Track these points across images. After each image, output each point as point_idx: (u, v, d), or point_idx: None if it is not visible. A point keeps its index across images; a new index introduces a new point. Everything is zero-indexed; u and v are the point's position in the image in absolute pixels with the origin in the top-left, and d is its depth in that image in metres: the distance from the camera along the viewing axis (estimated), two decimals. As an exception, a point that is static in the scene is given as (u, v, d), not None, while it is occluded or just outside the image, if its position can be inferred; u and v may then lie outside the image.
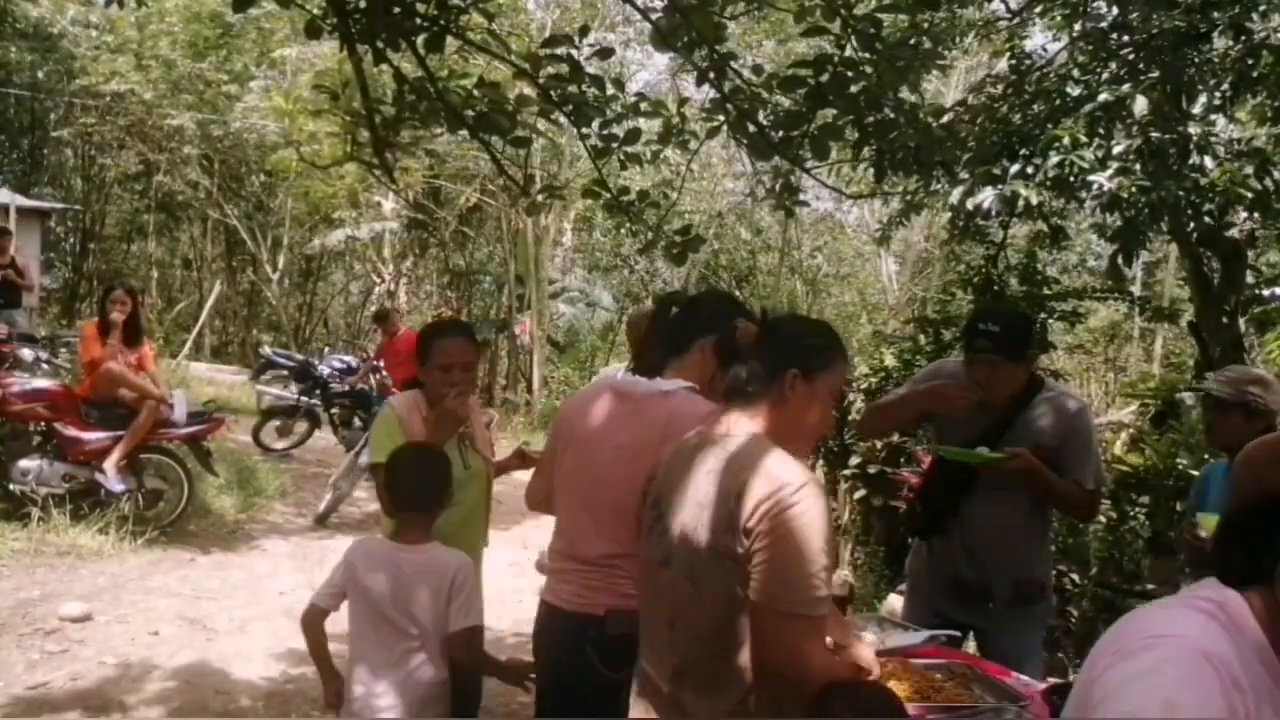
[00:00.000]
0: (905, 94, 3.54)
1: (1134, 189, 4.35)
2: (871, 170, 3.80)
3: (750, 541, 1.61)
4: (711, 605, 1.68)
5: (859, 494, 5.76)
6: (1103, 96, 4.79)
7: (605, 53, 3.67)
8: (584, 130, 3.57)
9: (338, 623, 2.65)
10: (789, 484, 1.62)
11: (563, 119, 3.71)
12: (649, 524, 1.87)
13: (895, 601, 4.34)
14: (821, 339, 1.84)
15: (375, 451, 2.82)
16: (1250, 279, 5.47)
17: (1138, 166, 4.48)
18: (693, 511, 1.72)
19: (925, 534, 3.06)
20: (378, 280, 18.96)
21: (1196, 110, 5.00)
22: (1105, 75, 5.21)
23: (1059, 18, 5.66)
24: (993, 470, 2.75)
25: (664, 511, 1.81)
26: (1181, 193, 4.33)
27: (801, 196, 4.47)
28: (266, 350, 12.94)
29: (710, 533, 1.67)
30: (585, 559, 2.23)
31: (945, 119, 4.60)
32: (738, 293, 18.84)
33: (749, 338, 1.88)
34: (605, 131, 3.63)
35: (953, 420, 2.90)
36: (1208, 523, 2.65)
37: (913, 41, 3.94)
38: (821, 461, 6.03)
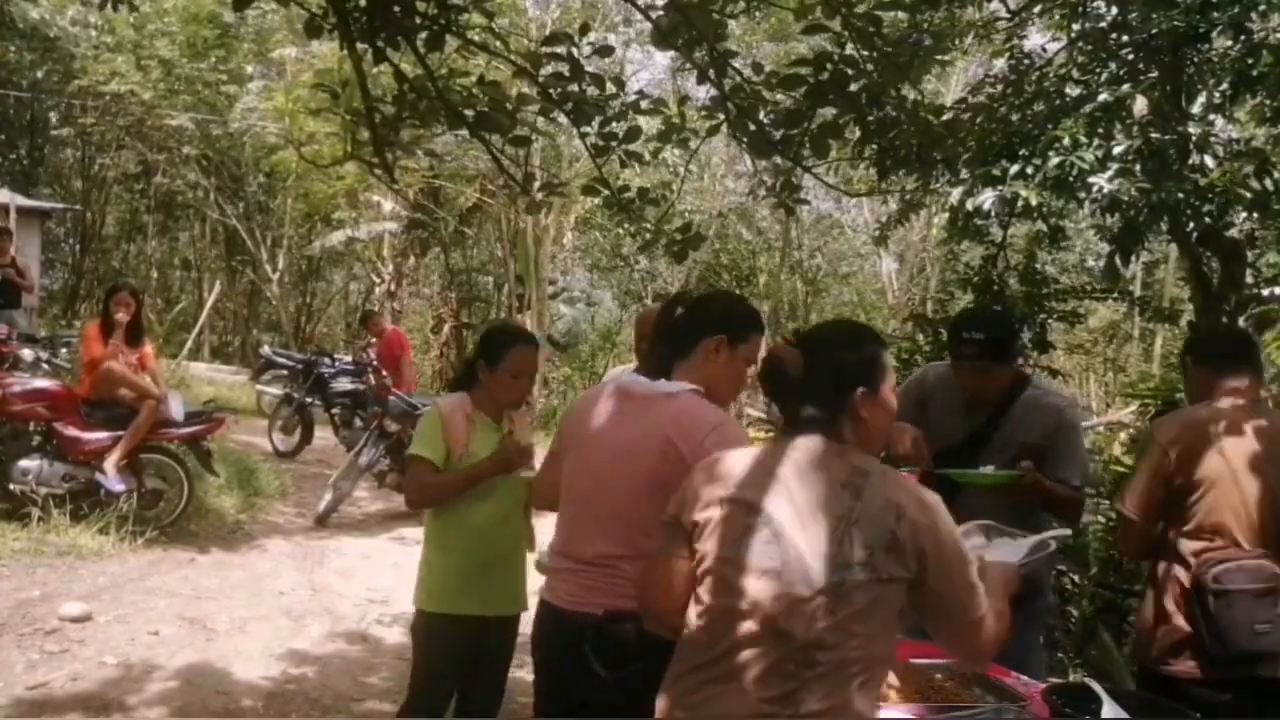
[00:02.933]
0: (906, 91, 3.54)
1: (1134, 190, 4.34)
2: (872, 169, 3.80)
3: (919, 564, 1.67)
4: (858, 624, 1.66)
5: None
6: (1102, 96, 4.78)
7: (605, 51, 3.67)
8: (584, 129, 3.57)
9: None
10: (936, 504, 1.72)
11: (562, 118, 3.71)
12: (740, 532, 1.75)
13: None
14: (861, 343, 1.85)
15: (417, 444, 2.93)
16: (1249, 278, 5.45)
17: (1138, 167, 4.47)
18: (832, 524, 1.69)
19: None
20: (377, 281, 18.96)
21: (1196, 110, 4.99)
22: (1105, 75, 5.20)
23: (1058, 17, 5.65)
24: (997, 488, 2.75)
25: (767, 520, 1.73)
26: (1181, 194, 4.32)
27: (802, 195, 4.46)
28: (266, 350, 12.93)
29: (866, 550, 1.66)
30: (583, 558, 2.23)
31: (946, 117, 4.58)
32: (738, 292, 18.82)
33: (796, 366, 1.81)
34: (605, 130, 3.63)
35: (938, 423, 2.90)
36: None
37: (913, 39, 3.94)
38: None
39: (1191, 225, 4.72)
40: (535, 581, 3.03)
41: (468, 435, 2.91)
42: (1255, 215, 4.77)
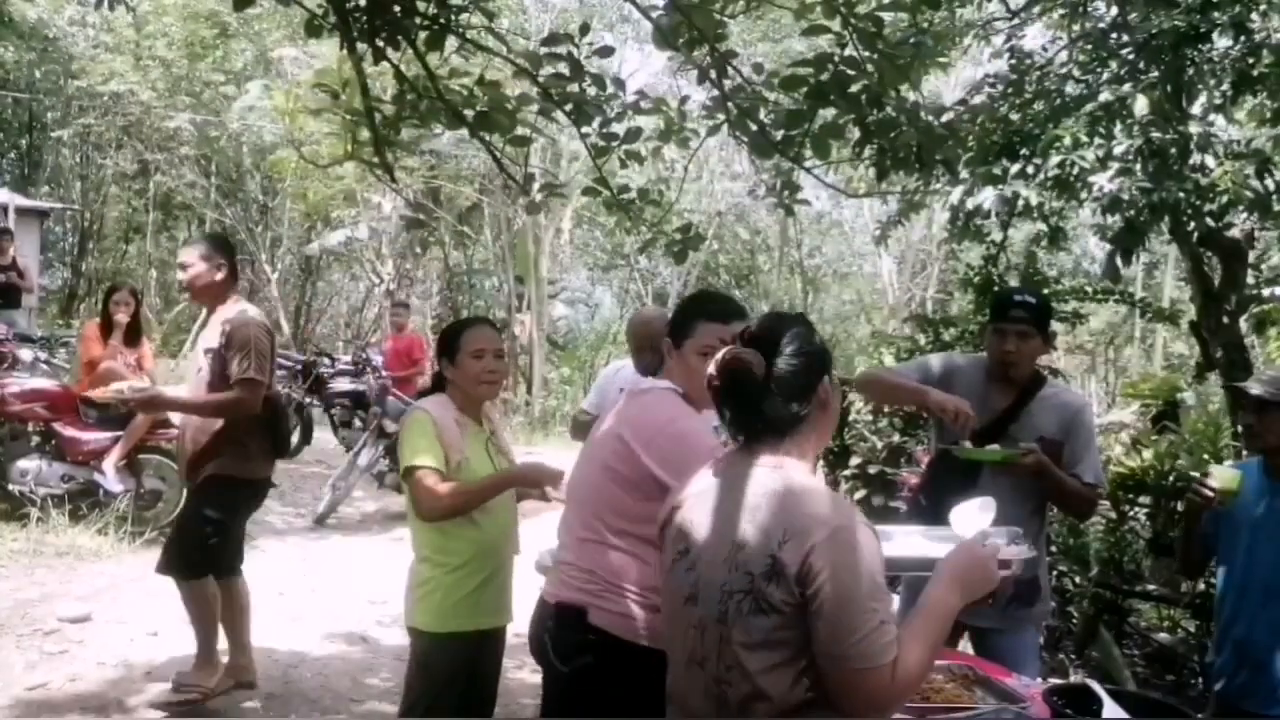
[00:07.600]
0: (907, 92, 3.54)
1: (1135, 190, 4.34)
2: (872, 169, 3.79)
3: (801, 591, 1.50)
4: (746, 652, 1.56)
5: (859, 494, 5.75)
6: (1103, 96, 4.77)
7: (605, 51, 3.66)
8: (584, 129, 3.57)
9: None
10: (856, 541, 1.51)
11: (562, 118, 3.70)
12: (674, 557, 1.75)
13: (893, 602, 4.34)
14: (813, 330, 1.73)
15: (411, 454, 2.69)
16: (1250, 279, 5.45)
17: (1138, 167, 4.46)
18: (727, 550, 1.60)
19: None
20: (377, 281, 18.94)
21: (1196, 110, 4.99)
22: (1105, 75, 5.19)
23: (1058, 17, 5.65)
24: (1005, 468, 2.76)
25: (690, 546, 1.70)
26: (1182, 193, 4.32)
27: (802, 195, 4.46)
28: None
29: (749, 576, 1.55)
30: (564, 554, 2.31)
31: (946, 117, 4.59)
32: (737, 292, 18.83)
33: (758, 370, 1.63)
34: (605, 130, 3.63)
35: None
36: (1222, 475, 2.63)
37: (914, 40, 3.93)
38: (821, 462, 6.02)
39: (1192, 225, 4.72)
40: (533, 583, 3.03)
41: (462, 439, 2.73)
42: (1256, 215, 4.77)
